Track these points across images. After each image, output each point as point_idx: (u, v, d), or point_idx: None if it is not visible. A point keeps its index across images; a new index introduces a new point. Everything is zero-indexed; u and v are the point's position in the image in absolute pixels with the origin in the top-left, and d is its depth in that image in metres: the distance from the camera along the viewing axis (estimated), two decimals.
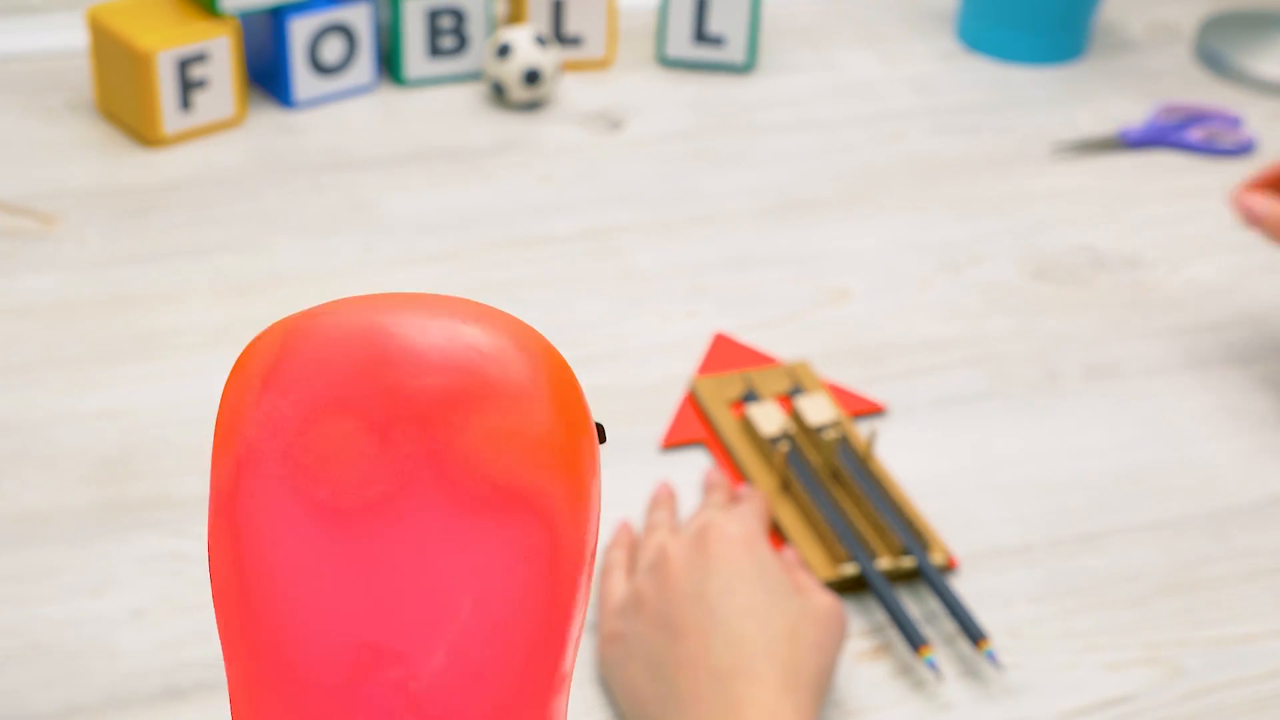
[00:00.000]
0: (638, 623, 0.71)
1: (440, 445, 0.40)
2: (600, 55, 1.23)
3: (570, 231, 1.04)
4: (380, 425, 0.40)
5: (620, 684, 0.71)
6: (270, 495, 0.40)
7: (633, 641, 0.71)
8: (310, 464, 0.40)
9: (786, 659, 0.68)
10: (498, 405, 0.41)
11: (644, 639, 0.70)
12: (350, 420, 0.40)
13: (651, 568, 0.72)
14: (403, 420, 0.40)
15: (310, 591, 0.40)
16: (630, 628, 0.71)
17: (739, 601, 0.69)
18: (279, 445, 0.40)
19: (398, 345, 0.41)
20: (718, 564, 0.71)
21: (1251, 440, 0.90)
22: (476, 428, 0.40)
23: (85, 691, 0.71)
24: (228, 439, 0.41)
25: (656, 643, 0.69)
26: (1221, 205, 1.12)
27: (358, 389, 0.40)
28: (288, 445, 0.40)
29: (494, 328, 0.42)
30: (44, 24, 1.24)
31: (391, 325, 0.41)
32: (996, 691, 0.74)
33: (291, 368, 0.41)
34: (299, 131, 1.12)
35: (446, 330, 0.41)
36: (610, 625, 0.73)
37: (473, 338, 0.42)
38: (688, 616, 0.69)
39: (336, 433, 0.40)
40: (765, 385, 0.90)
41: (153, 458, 0.84)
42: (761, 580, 0.71)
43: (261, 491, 0.40)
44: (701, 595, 0.70)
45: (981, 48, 1.30)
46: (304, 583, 0.40)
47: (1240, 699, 0.75)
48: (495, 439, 0.40)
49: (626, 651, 0.71)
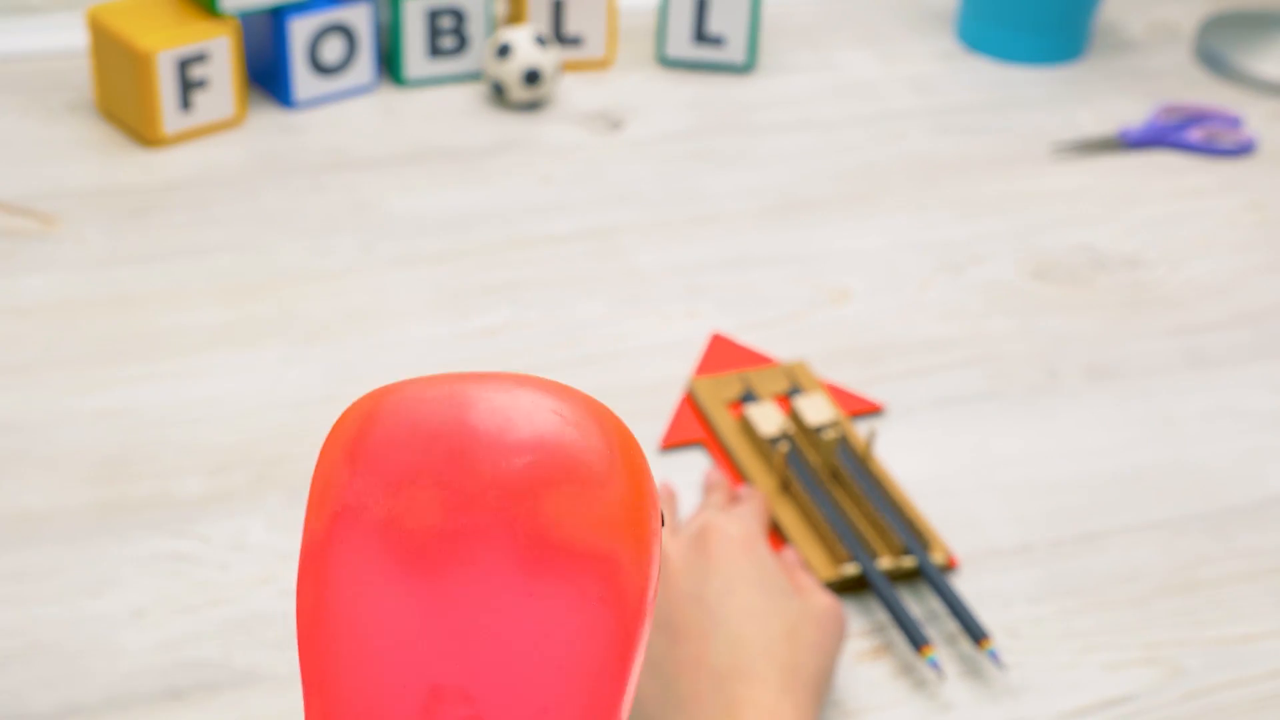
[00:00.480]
0: None
1: (517, 516, 0.44)
2: (600, 55, 1.23)
3: (570, 231, 1.04)
4: (462, 488, 0.44)
5: None
6: (360, 548, 0.44)
7: None
8: (398, 526, 0.44)
9: (786, 659, 0.68)
10: (573, 483, 0.45)
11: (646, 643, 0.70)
12: (434, 484, 0.44)
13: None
14: (483, 485, 0.44)
15: (389, 634, 0.44)
16: None
17: (738, 602, 0.69)
18: (369, 501, 0.44)
19: (480, 414, 0.45)
20: (717, 565, 0.71)
21: (1251, 440, 0.90)
22: (552, 502, 0.44)
23: (85, 691, 0.71)
24: (322, 494, 0.45)
25: (656, 643, 0.69)
26: (1221, 205, 1.12)
27: (442, 455, 0.44)
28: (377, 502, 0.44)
29: (571, 407, 0.46)
30: (44, 24, 1.24)
31: (475, 394, 0.46)
32: (997, 691, 0.74)
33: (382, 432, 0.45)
34: (299, 131, 1.12)
35: (527, 409, 0.45)
36: None
37: (551, 419, 0.45)
38: (687, 617, 0.69)
39: (421, 495, 0.44)
40: (763, 385, 0.90)
41: (153, 458, 0.84)
42: (760, 581, 0.71)
43: (352, 542, 0.44)
44: (701, 596, 0.70)
45: (981, 48, 1.30)
46: (383, 626, 0.44)
47: (1240, 699, 0.75)
48: (571, 512, 0.44)
49: None
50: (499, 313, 0.96)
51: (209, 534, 0.79)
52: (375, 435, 0.45)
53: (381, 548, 0.44)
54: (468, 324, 0.95)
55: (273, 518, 0.80)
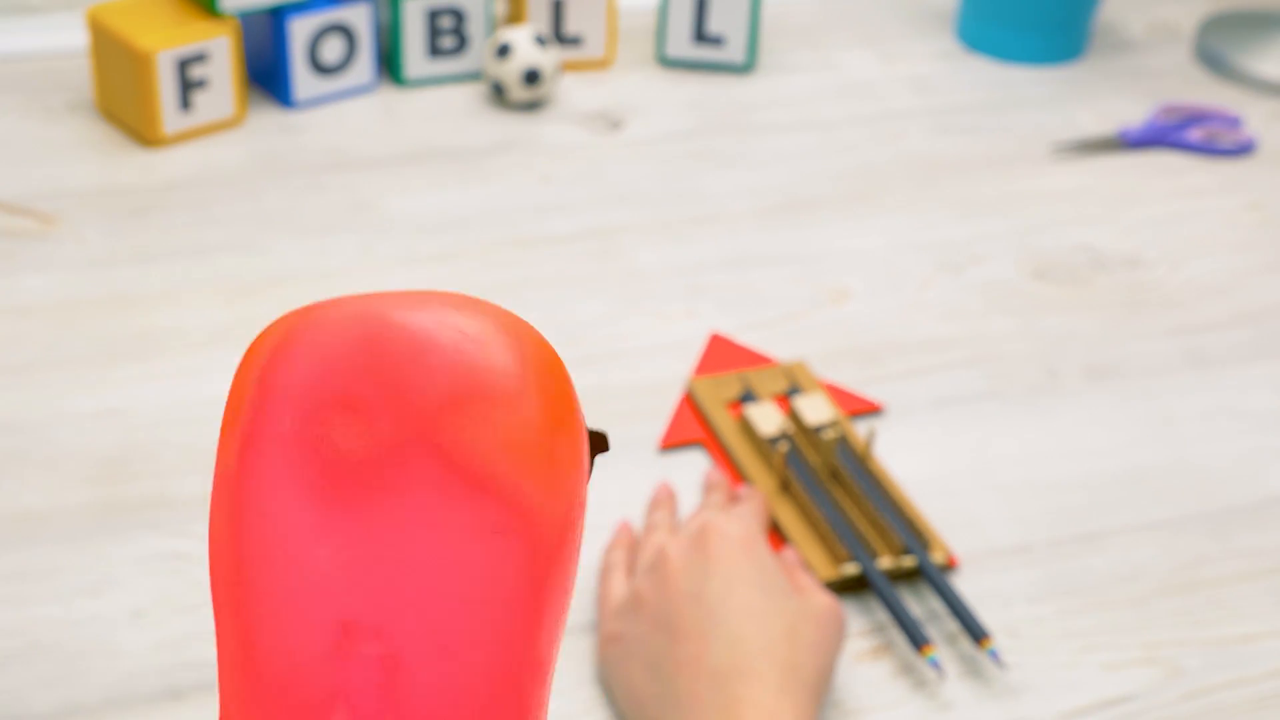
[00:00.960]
0: (637, 623, 0.71)
1: (431, 439, 0.41)
2: (600, 55, 1.23)
3: (570, 231, 1.04)
4: (373, 411, 0.42)
5: (619, 684, 0.71)
6: (271, 473, 0.42)
7: (632, 642, 0.71)
8: (308, 445, 0.42)
9: (785, 659, 0.68)
10: (486, 397, 0.42)
11: (643, 640, 0.70)
12: (345, 408, 0.42)
13: (651, 568, 0.72)
14: (394, 407, 0.42)
15: (300, 565, 0.41)
16: (630, 628, 0.71)
17: (738, 602, 0.69)
18: (281, 429, 0.42)
19: (392, 336, 0.42)
20: (716, 565, 0.71)
21: (1251, 440, 0.90)
22: (464, 417, 0.41)
23: (85, 691, 0.71)
24: (233, 422, 0.43)
25: (656, 643, 0.69)
26: (1221, 205, 1.12)
27: (352, 378, 0.42)
28: (288, 429, 0.42)
29: (485, 320, 0.43)
30: (44, 24, 1.24)
31: (387, 317, 0.43)
32: (996, 691, 0.74)
33: (292, 357, 0.42)
34: (299, 131, 1.12)
35: (439, 327, 0.43)
36: (610, 626, 0.73)
37: (464, 327, 0.43)
38: (687, 617, 0.69)
39: (333, 418, 0.42)
40: (762, 385, 0.90)
41: (153, 458, 0.84)
42: (760, 581, 0.71)
43: (264, 469, 0.42)
44: (700, 596, 0.70)
45: (981, 48, 1.30)
46: (295, 556, 0.42)
47: (1240, 699, 0.75)
48: (481, 429, 0.42)
49: (626, 652, 0.71)
50: None
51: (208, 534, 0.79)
52: (286, 359, 0.42)
53: (293, 476, 0.41)
54: None
55: None
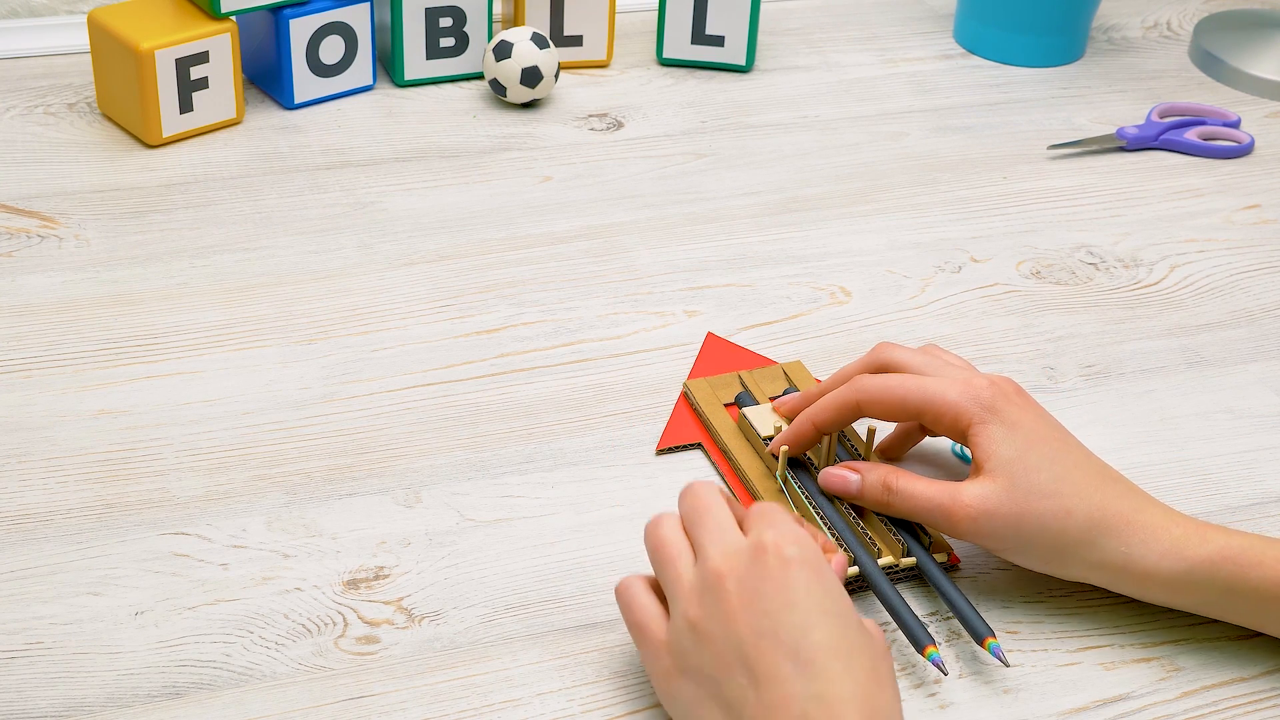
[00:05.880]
0: (702, 656, 0.66)
1: None
2: (600, 55, 1.23)
3: (570, 231, 1.04)
4: None
5: None
6: None
7: (705, 682, 0.66)
8: None
9: (873, 705, 0.63)
10: None
11: (717, 680, 0.65)
12: None
13: (704, 589, 0.67)
14: None
15: None
16: (695, 662, 0.66)
17: (820, 638, 0.64)
18: None
19: None
20: (786, 593, 0.65)
21: (1250, 440, 0.90)
22: None
23: (85, 691, 0.71)
24: None
25: (734, 686, 0.65)
26: (1220, 205, 1.12)
27: None
28: None
29: None
30: (44, 24, 1.24)
31: None
32: (996, 690, 0.74)
33: None
34: (299, 131, 1.12)
35: None
36: (664, 660, 0.68)
37: None
38: (766, 656, 0.64)
39: None
40: (759, 386, 0.90)
41: (153, 458, 0.84)
42: (835, 609, 0.66)
43: None
44: (777, 633, 0.64)
45: (979, 51, 1.30)
46: None
47: (1238, 699, 0.75)
48: None
49: (700, 694, 0.66)
50: (498, 312, 0.96)
51: (209, 533, 0.79)
52: None
53: None
54: (467, 323, 0.95)
55: (272, 517, 0.80)
